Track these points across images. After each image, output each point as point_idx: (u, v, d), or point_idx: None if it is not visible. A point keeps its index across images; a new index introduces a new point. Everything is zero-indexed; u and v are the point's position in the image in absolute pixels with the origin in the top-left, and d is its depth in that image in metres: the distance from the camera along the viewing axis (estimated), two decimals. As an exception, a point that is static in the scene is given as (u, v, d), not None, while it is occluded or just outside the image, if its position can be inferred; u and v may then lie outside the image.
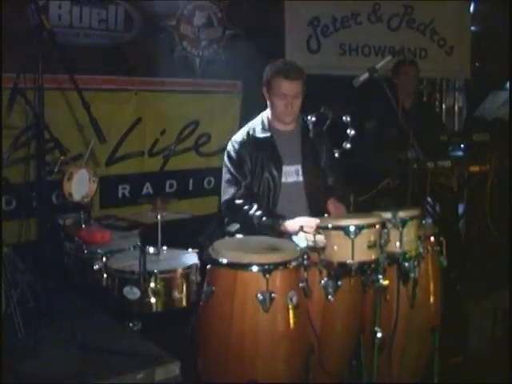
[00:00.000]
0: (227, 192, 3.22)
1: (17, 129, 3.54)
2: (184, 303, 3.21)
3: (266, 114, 3.36)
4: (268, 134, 3.28)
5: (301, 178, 3.28)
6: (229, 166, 3.27)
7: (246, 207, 3.13)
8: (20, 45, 3.59)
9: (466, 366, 3.44)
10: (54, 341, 2.81)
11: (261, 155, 3.22)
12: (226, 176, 3.28)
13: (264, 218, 3.08)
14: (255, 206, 3.12)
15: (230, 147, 3.31)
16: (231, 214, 3.24)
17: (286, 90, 3.19)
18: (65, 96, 4.02)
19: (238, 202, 3.16)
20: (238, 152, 3.24)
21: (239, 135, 3.33)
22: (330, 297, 2.55)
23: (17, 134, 3.68)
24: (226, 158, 3.31)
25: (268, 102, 3.31)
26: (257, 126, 3.34)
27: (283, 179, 3.24)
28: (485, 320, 3.75)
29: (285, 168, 3.25)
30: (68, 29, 4.30)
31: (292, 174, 3.28)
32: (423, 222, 2.83)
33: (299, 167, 3.28)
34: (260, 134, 3.28)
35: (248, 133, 3.31)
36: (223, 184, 3.28)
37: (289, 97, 3.20)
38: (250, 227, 3.10)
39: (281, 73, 3.18)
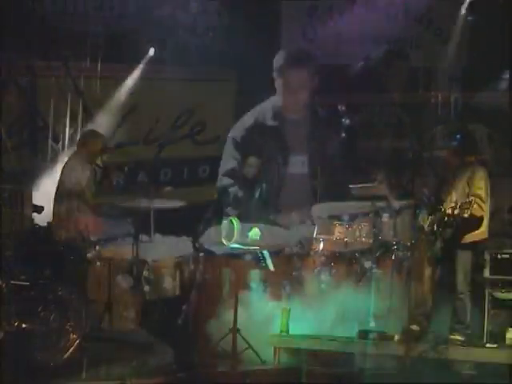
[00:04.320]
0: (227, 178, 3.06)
1: (10, 116, 3.52)
2: (177, 291, 3.20)
3: (275, 100, 3.25)
4: (277, 123, 3.17)
5: (306, 170, 3.20)
6: (232, 151, 3.15)
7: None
8: (14, 31, 3.57)
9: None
10: (48, 329, 2.80)
11: (268, 144, 3.12)
12: (227, 161, 3.15)
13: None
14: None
15: (235, 133, 3.20)
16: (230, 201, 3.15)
17: (291, 79, 3.06)
18: (58, 83, 3.98)
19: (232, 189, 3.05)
20: (244, 138, 3.12)
21: (247, 121, 3.20)
22: (323, 285, 2.55)
23: (10, 121, 3.67)
24: (229, 144, 3.20)
25: (277, 90, 3.18)
26: (266, 112, 3.21)
27: (289, 170, 3.15)
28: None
29: (291, 158, 3.18)
30: (63, 15, 4.26)
31: (298, 164, 3.20)
32: (418, 211, 2.82)
33: (305, 158, 3.18)
34: (269, 123, 3.16)
35: (257, 119, 3.18)
36: (223, 168, 3.12)
37: (293, 86, 3.08)
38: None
39: (288, 60, 3.03)
